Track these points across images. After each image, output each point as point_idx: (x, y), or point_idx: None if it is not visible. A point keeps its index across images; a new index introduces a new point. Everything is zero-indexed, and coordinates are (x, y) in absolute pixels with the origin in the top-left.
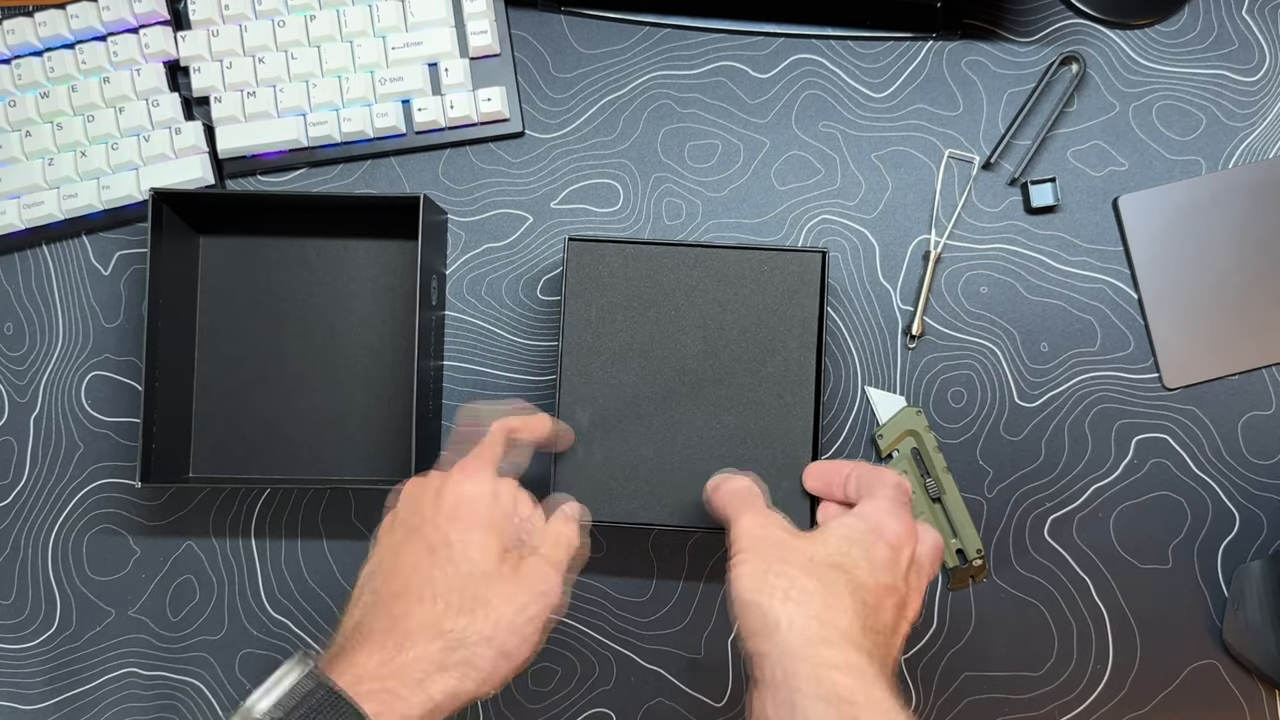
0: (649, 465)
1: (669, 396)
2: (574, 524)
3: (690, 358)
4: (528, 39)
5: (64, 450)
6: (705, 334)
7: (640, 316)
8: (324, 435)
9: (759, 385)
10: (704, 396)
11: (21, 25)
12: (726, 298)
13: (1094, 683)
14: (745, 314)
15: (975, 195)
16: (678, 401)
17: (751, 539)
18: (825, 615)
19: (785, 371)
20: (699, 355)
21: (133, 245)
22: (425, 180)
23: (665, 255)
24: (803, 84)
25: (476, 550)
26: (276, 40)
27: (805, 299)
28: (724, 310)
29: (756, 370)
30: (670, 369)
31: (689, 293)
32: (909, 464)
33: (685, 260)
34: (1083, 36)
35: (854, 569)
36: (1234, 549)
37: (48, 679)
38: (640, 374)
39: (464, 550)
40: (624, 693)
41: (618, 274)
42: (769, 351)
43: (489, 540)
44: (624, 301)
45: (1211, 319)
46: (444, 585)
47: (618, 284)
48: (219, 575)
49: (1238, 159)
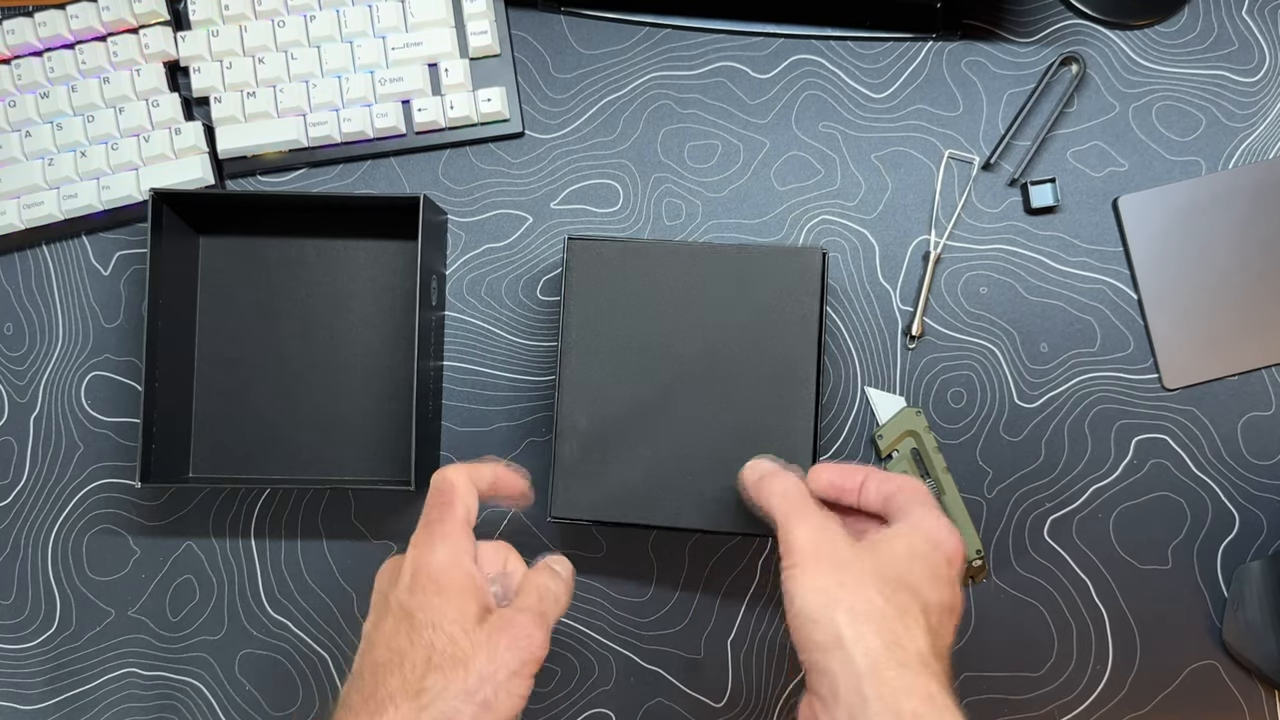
0: (648, 465)
1: (668, 396)
2: (556, 576)
3: (690, 357)
4: (528, 39)
5: (64, 450)
6: (705, 333)
7: (640, 316)
8: (324, 435)
9: (759, 384)
10: (704, 396)
11: (21, 25)
12: (726, 296)
13: (1094, 683)
14: (745, 313)
15: (975, 196)
16: (677, 401)
17: (813, 548)
18: (896, 636)
19: (785, 371)
20: (699, 354)
21: (133, 245)
22: (425, 180)
23: (665, 254)
24: (803, 84)
25: (446, 617)
26: (276, 40)
27: (805, 297)
28: (724, 309)
29: (756, 369)
30: (670, 368)
31: (689, 292)
32: (909, 464)
33: (685, 259)
34: (1083, 37)
35: (920, 587)
36: (1234, 549)
37: (48, 679)
38: (640, 373)
39: (435, 618)
40: (624, 693)
41: (617, 273)
42: (769, 350)
43: (458, 604)
44: (624, 301)
45: (1211, 319)
46: (420, 653)
47: (618, 283)
48: (219, 575)
49: (1238, 159)
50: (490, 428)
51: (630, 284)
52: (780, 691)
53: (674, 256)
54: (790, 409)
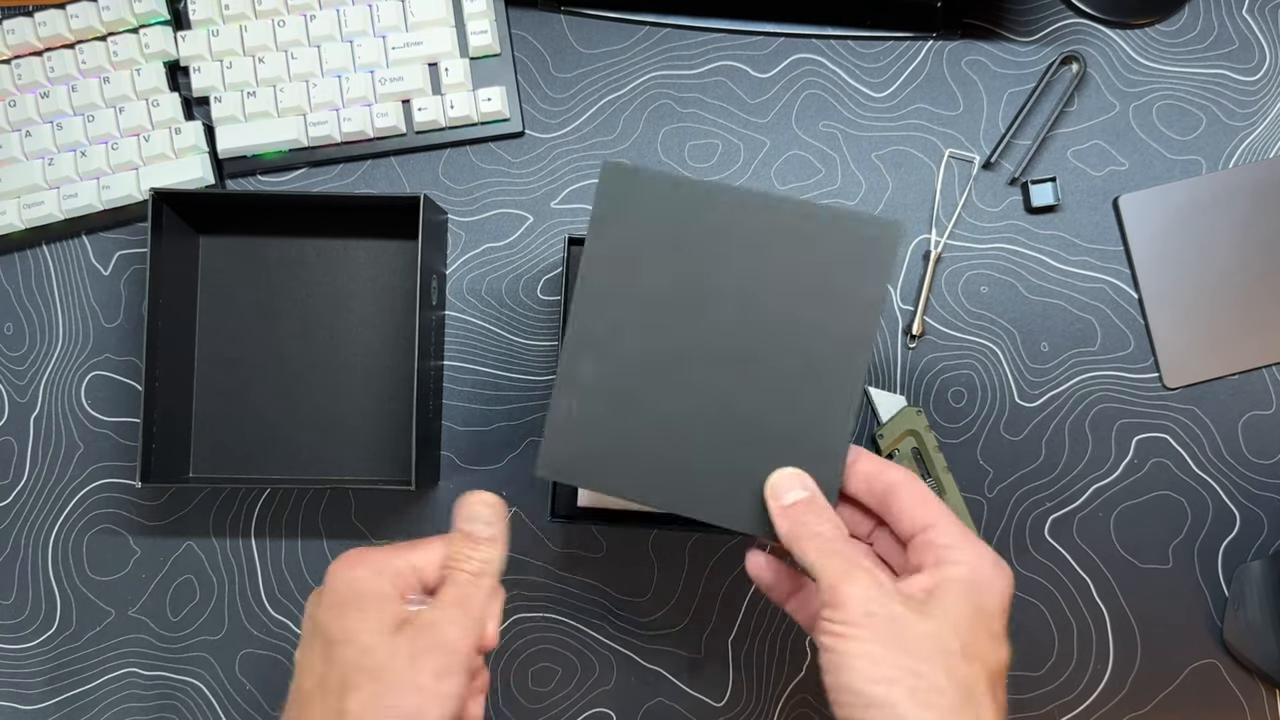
0: (654, 436)
1: (690, 363)
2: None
3: (722, 324)
4: (528, 39)
5: (64, 450)
6: (744, 298)
7: (672, 265)
8: (324, 435)
9: (796, 368)
10: (730, 370)
11: (21, 25)
12: (776, 260)
13: (1094, 682)
14: (795, 283)
15: (975, 195)
16: (699, 370)
17: (866, 614)
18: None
19: (829, 359)
20: (732, 322)
21: (133, 245)
22: (425, 180)
23: (712, 197)
24: (803, 84)
25: (360, 631)
26: (276, 40)
27: (869, 277)
28: (770, 274)
29: (796, 351)
30: (697, 332)
31: (733, 247)
32: (909, 464)
33: (734, 207)
34: (1083, 36)
35: (981, 656)
36: (1234, 549)
37: (48, 679)
38: (662, 332)
39: (349, 635)
40: (624, 693)
41: (654, 210)
42: (815, 331)
43: (372, 617)
44: (655, 243)
45: (1212, 319)
46: (336, 674)
47: (653, 222)
48: (219, 575)
49: (1238, 159)
50: (490, 427)
51: (665, 226)
52: (781, 691)
53: (723, 200)
54: (826, 404)
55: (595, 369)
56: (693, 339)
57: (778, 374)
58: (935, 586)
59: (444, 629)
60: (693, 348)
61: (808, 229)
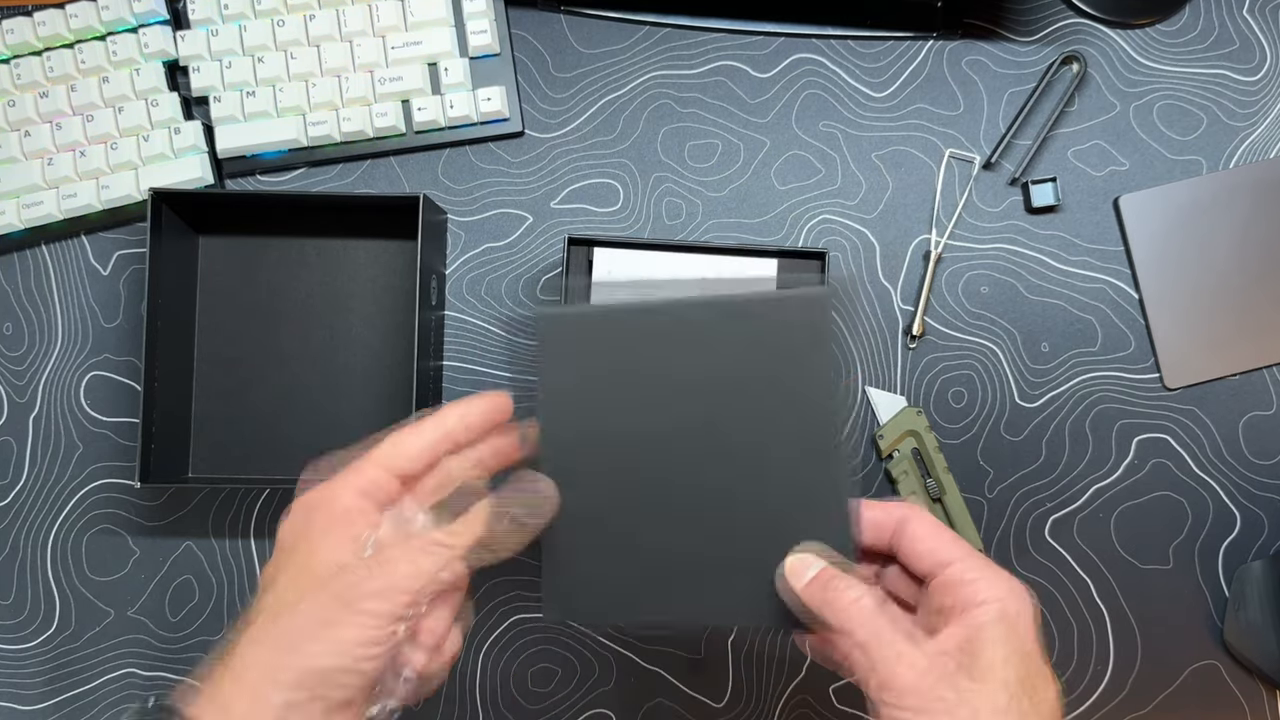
0: (654, 559)
1: (670, 478)
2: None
3: (692, 432)
4: (528, 39)
5: (63, 450)
6: (706, 403)
7: (627, 393)
8: (324, 435)
9: (776, 451)
10: (711, 474)
11: (21, 25)
12: (725, 359)
13: (1095, 683)
14: (750, 373)
15: (976, 195)
16: (681, 483)
17: (919, 695)
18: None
19: (804, 430)
20: (701, 429)
21: (132, 245)
22: (425, 180)
23: (650, 317)
24: (803, 84)
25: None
26: (276, 40)
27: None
28: (724, 374)
29: (771, 434)
30: (669, 447)
31: (682, 360)
32: (909, 464)
33: (672, 322)
34: (1083, 36)
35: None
36: (1235, 549)
37: (47, 679)
38: (633, 456)
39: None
40: (624, 693)
41: (597, 347)
42: (783, 410)
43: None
44: (608, 375)
45: (1212, 319)
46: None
47: (598, 357)
48: (218, 575)
49: (1239, 159)
50: None
51: (612, 357)
52: (781, 692)
53: (660, 320)
54: (815, 473)
55: (579, 506)
56: (667, 455)
57: (759, 463)
58: (971, 640)
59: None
60: (670, 463)
61: (748, 321)
